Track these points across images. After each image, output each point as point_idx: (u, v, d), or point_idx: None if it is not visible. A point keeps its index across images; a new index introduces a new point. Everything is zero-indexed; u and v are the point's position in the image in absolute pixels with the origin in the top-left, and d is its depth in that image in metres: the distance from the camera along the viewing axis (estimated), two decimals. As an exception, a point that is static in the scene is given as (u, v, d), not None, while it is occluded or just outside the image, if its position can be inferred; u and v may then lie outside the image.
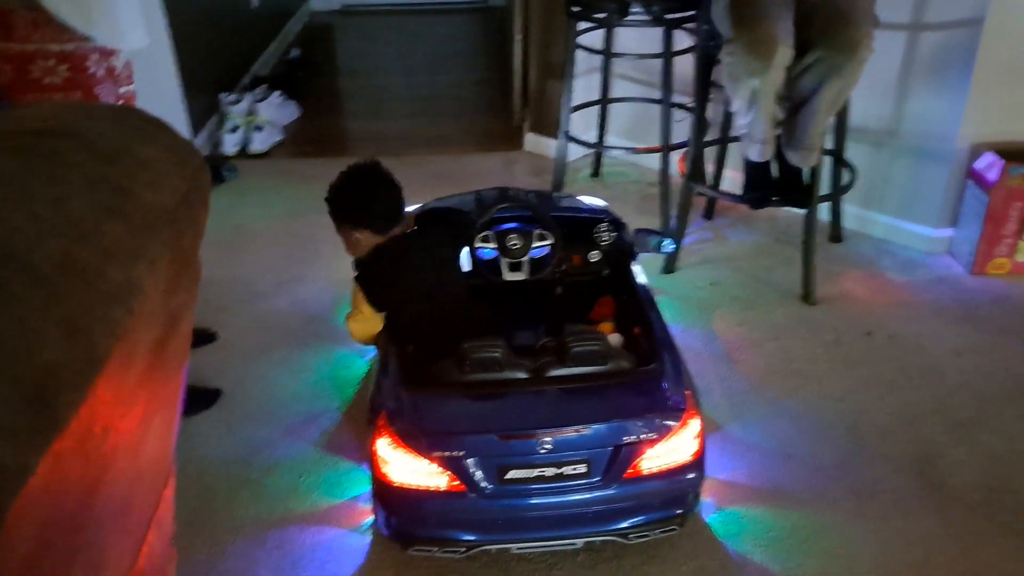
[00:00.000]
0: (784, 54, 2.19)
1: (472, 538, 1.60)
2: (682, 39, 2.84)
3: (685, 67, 2.94)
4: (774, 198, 2.48)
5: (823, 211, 2.83)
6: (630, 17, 2.67)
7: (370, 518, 1.83)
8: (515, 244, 2.04)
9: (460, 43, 5.66)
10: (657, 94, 2.97)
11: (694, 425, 1.62)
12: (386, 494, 1.60)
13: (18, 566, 0.73)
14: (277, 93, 4.03)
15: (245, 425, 2.14)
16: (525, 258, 2.05)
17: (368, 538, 1.80)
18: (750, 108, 2.29)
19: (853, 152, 2.74)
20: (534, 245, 2.06)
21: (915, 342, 2.41)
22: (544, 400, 1.62)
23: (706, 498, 1.86)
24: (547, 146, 3.62)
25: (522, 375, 1.63)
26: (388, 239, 1.90)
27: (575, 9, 2.78)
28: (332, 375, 2.31)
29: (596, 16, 2.78)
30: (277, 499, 1.92)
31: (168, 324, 0.99)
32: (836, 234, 2.91)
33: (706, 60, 2.52)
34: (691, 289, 2.69)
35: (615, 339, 1.93)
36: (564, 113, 3.02)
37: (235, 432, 2.12)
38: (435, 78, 4.90)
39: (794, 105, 2.29)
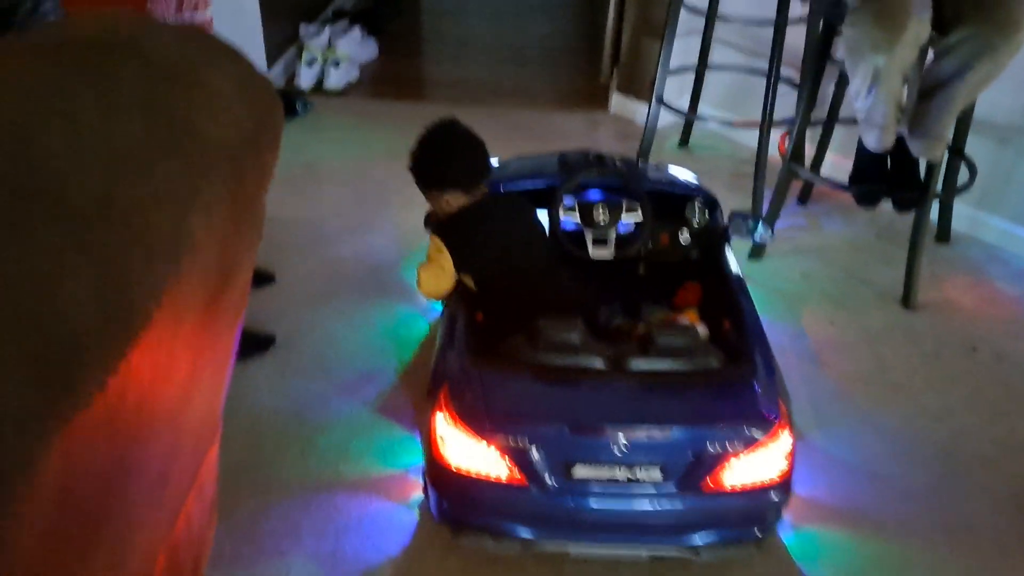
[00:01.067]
0: (917, 30, 1.95)
1: (530, 535, 1.47)
2: (796, 6, 2.60)
3: (795, 38, 2.70)
4: (886, 196, 2.26)
5: (932, 208, 2.60)
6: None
7: (419, 494, 1.72)
8: (602, 217, 1.88)
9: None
10: (761, 64, 2.74)
11: (785, 440, 1.45)
12: (440, 476, 1.48)
13: (33, 545, 0.62)
14: (358, 28, 3.89)
15: (299, 377, 2.05)
16: (611, 233, 1.88)
17: (416, 515, 1.69)
18: (871, 89, 2.06)
19: (973, 146, 2.49)
20: (622, 220, 1.89)
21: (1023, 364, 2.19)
22: (622, 393, 1.47)
23: (784, 514, 1.71)
24: (634, 110, 3.42)
25: (600, 363, 1.48)
26: (475, 198, 1.77)
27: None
28: (392, 333, 2.20)
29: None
30: (326, 460, 1.82)
31: (222, 278, 0.87)
32: (944, 234, 2.67)
33: (826, 29, 2.29)
34: (780, 280, 2.49)
35: (700, 330, 1.77)
36: (661, 76, 2.81)
37: (288, 384, 2.03)
38: (523, 26, 4.70)
39: (928, 87, 2.06)
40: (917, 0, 1.92)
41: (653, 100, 2.85)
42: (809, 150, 2.73)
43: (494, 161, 1.94)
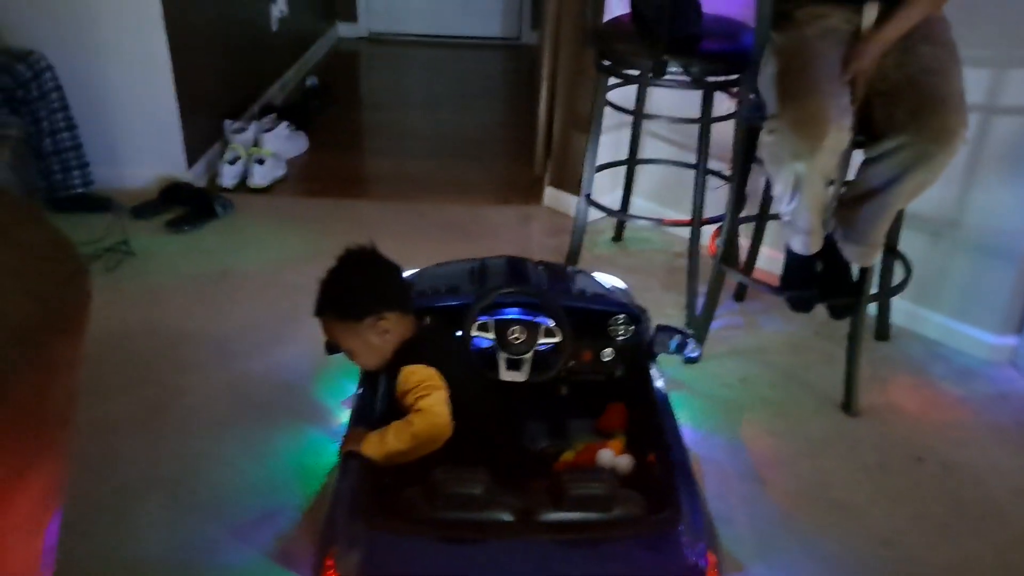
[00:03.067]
0: (837, 137, 1.89)
1: None
2: (723, 102, 2.56)
3: (724, 132, 2.66)
4: (819, 302, 2.17)
5: (870, 306, 2.52)
6: (667, 77, 2.38)
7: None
8: (517, 338, 1.75)
9: (489, 80, 5.41)
10: (691, 157, 2.69)
11: (715, 595, 1.30)
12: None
13: None
14: (285, 124, 3.79)
15: (191, 519, 1.85)
16: (527, 356, 1.75)
17: None
18: (794, 195, 1.99)
19: (908, 241, 2.43)
20: (539, 341, 1.76)
21: (972, 475, 2.08)
22: (531, 552, 1.31)
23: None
24: (568, 203, 3.33)
25: (507, 517, 1.33)
26: (415, 325, 1.64)
27: (606, 63, 2.50)
28: (298, 462, 2.02)
29: (628, 72, 2.50)
30: (213, 620, 1.63)
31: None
32: (883, 331, 2.59)
33: (749, 132, 2.23)
34: (717, 385, 2.38)
35: (625, 462, 1.63)
36: (587, 174, 2.74)
37: (178, 524, 1.83)
38: (458, 116, 4.64)
39: (862, 193, 1.99)
40: (835, 107, 1.86)
41: (580, 199, 2.77)
42: (745, 244, 2.66)
43: (407, 273, 1.82)
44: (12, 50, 2.98)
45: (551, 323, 1.78)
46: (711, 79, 2.39)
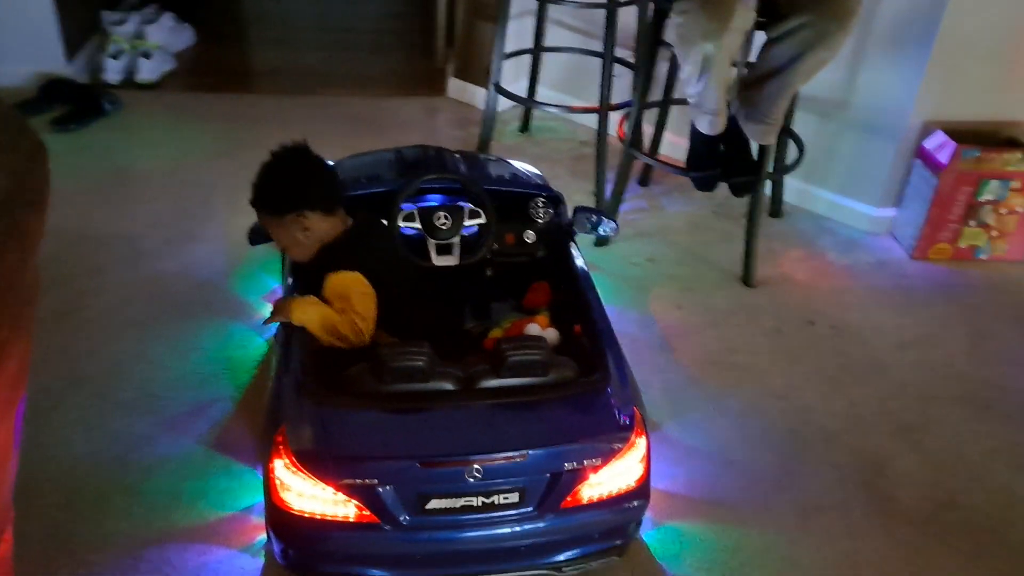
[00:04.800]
0: (744, 16, 1.97)
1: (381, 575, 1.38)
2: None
3: (630, 18, 2.70)
4: (722, 180, 2.28)
5: (765, 185, 2.67)
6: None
7: (263, 536, 1.58)
8: (444, 224, 1.78)
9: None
10: (596, 45, 2.72)
11: (641, 446, 1.43)
12: (284, 522, 1.36)
13: None
14: (169, 14, 3.58)
15: (121, 416, 1.85)
16: (455, 239, 1.80)
17: (261, 560, 1.56)
18: (701, 75, 2.06)
19: (800, 122, 2.56)
20: (465, 224, 1.80)
21: (858, 334, 2.29)
22: (474, 417, 1.40)
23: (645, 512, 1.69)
24: (473, 94, 3.33)
25: (449, 386, 1.40)
26: (344, 224, 1.65)
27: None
28: (225, 356, 2.03)
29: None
30: (156, 509, 1.65)
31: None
32: (776, 209, 2.76)
33: (656, 15, 2.27)
34: (626, 265, 2.49)
35: (551, 335, 1.72)
36: (496, 62, 2.74)
37: (108, 425, 1.83)
38: (353, 7, 4.48)
39: (763, 73, 2.08)
40: (743, -12, 1.93)
41: (490, 87, 2.77)
42: (648, 130, 2.74)
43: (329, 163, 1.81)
44: None
45: (473, 207, 1.82)
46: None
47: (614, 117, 2.72)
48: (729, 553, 1.66)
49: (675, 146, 2.75)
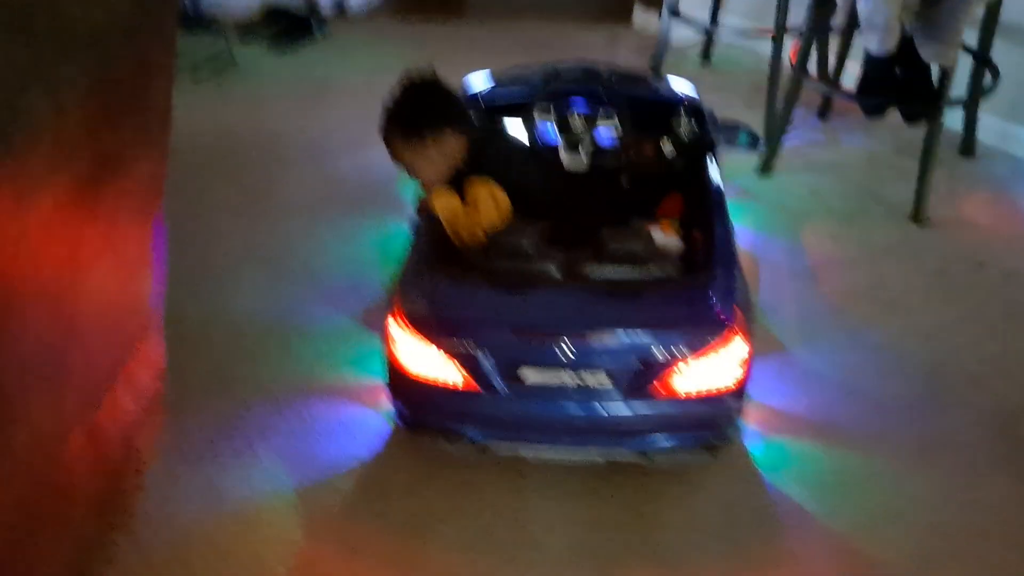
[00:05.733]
0: None
1: (481, 437, 1.49)
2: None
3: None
4: (892, 105, 2.15)
5: (955, 119, 2.47)
6: None
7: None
8: (575, 123, 1.84)
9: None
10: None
11: (738, 346, 1.43)
12: (395, 378, 1.51)
13: None
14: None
15: (286, 283, 2.09)
16: (586, 140, 1.85)
17: (389, 422, 1.73)
18: (876, -11, 1.95)
19: (1000, 52, 2.34)
20: (598, 124, 1.85)
21: (1033, 283, 2.10)
22: (570, 299, 1.47)
23: (753, 424, 1.69)
24: (655, 24, 3.30)
25: (552, 269, 1.48)
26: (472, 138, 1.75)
27: None
28: (382, 247, 2.22)
29: None
30: (306, 365, 1.87)
31: (99, 166, 0.89)
32: (968, 147, 2.55)
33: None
34: (786, 195, 2.42)
35: (673, 242, 1.73)
36: (671, -15, 2.71)
37: (275, 288, 2.08)
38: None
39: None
40: None
41: (663, 11, 2.75)
42: (834, 61, 2.62)
43: (486, 73, 1.93)
44: None
45: (608, 111, 1.86)
46: None
47: (790, 45, 2.62)
48: (834, 475, 1.62)
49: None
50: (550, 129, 1.89)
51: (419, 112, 1.73)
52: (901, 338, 1.94)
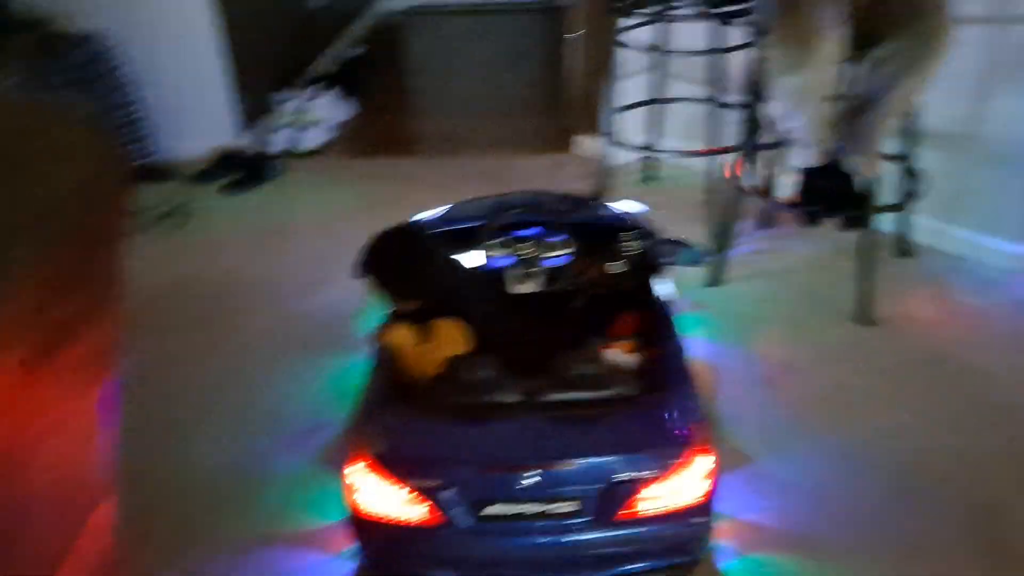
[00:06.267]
0: (828, 49, 1.96)
1: (447, 577, 1.46)
2: (738, 35, 2.63)
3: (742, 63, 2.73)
4: (826, 216, 2.24)
5: (892, 223, 2.58)
6: (677, 11, 2.47)
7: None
8: (525, 249, 1.89)
9: (524, 44, 5.54)
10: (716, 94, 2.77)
11: (702, 463, 1.43)
12: (357, 522, 1.47)
13: None
14: (332, 91, 3.98)
15: (248, 433, 2.06)
16: (536, 267, 1.89)
17: (352, 565, 1.68)
18: (795, 109, 2.07)
19: (927, 158, 2.47)
20: (553, 254, 1.90)
21: (987, 375, 2.14)
22: (533, 428, 1.46)
23: (727, 541, 1.67)
24: (596, 149, 3.44)
25: (513, 398, 1.48)
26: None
27: (616, 5, 2.59)
28: (339, 386, 2.21)
29: (639, 11, 2.59)
30: (266, 515, 1.82)
31: (50, 336, 0.88)
32: (905, 248, 2.65)
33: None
34: (737, 304, 2.48)
35: (629, 361, 1.76)
36: (607, 115, 2.85)
37: (236, 440, 2.04)
38: (496, 78, 4.79)
39: (860, 104, 2.06)
40: (828, 18, 1.94)
41: (604, 138, 2.87)
42: (769, 174, 2.73)
43: (435, 211, 2.00)
44: (74, 34, 3.24)
45: (557, 239, 1.91)
46: (718, 10, 2.47)
47: (726, 162, 2.74)
48: (813, 588, 1.60)
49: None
50: (500, 259, 1.93)
51: (386, 275, 1.79)
52: (865, 442, 1.94)
